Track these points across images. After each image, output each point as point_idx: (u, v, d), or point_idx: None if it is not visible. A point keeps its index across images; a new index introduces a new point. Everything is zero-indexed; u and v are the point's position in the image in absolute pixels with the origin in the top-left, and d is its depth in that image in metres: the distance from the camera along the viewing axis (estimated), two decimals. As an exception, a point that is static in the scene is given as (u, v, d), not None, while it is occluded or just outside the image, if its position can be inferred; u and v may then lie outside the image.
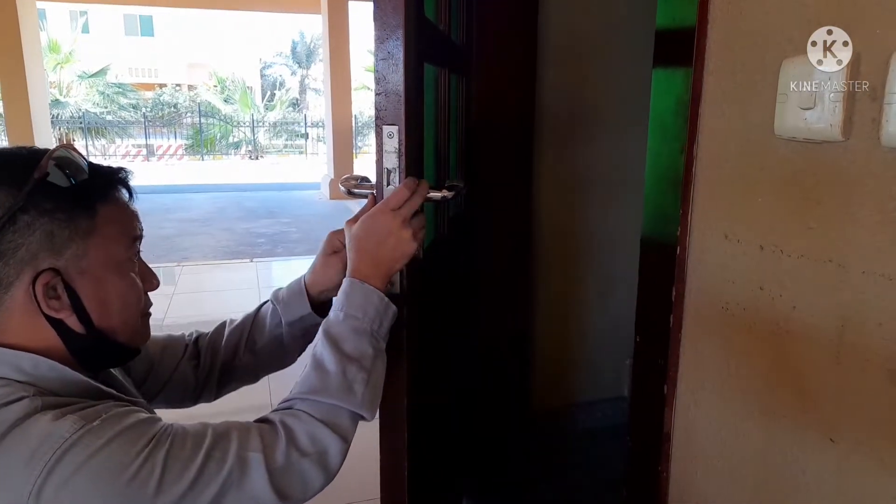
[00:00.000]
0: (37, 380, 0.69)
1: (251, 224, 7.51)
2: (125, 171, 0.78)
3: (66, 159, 0.71)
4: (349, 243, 0.86)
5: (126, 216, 0.77)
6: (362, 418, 0.80)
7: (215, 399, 1.03)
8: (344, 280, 0.84)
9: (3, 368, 0.68)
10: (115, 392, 0.76)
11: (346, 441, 0.77)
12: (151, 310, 0.84)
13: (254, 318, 1.02)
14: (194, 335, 1.03)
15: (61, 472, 0.61)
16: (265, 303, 1.02)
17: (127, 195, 0.78)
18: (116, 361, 0.83)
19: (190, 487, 0.65)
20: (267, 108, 21.58)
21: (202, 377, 1.00)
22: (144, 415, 0.70)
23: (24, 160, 0.70)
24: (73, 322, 0.72)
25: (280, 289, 1.01)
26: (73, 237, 0.70)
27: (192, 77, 23.96)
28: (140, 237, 0.80)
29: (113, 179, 0.77)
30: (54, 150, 0.71)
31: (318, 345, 0.81)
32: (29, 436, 0.62)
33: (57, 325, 0.71)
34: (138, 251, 0.80)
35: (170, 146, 17.54)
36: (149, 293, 0.83)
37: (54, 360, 0.71)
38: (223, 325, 1.03)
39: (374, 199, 0.90)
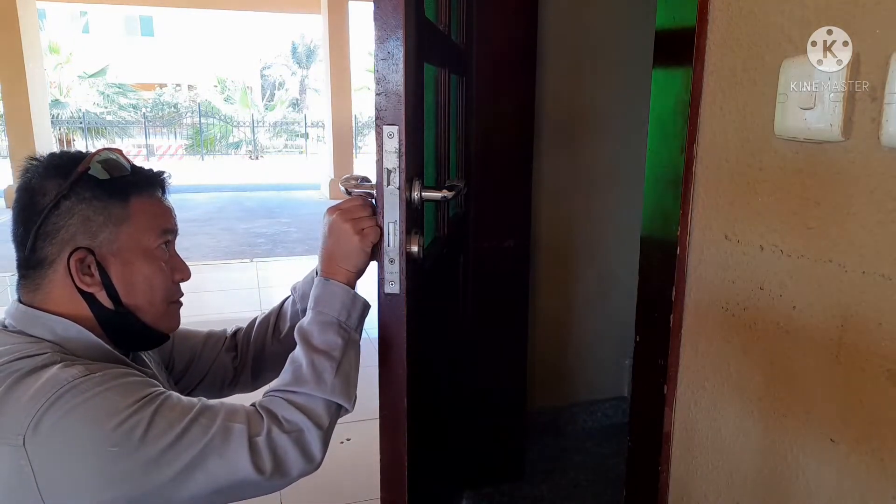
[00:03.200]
0: (64, 341, 0.79)
1: (251, 224, 7.51)
2: (164, 173, 0.89)
3: (107, 158, 0.83)
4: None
5: (158, 210, 0.87)
6: (340, 407, 0.84)
7: (252, 389, 1.11)
8: (314, 281, 0.89)
9: (40, 329, 0.79)
10: (133, 363, 0.85)
11: (322, 428, 0.81)
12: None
13: (279, 310, 1.10)
14: (234, 329, 1.13)
15: (57, 410, 0.69)
16: (289, 296, 1.10)
17: (161, 193, 0.88)
18: (144, 342, 0.91)
19: (172, 445, 0.72)
20: (267, 109, 21.57)
21: (238, 367, 1.10)
22: (143, 378, 0.78)
23: (74, 158, 0.82)
24: (103, 297, 0.82)
25: (297, 281, 1.09)
26: (107, 223, 0.81)
27: (192, 77, 23.94)
28: (172, 231, 0.89)
29: (149, 178, 0.87)
30: (100, 150, 0.84)
31: (296, 346, 0.86)
32: (38, 378, 0.71)
33: (89, 298, 0.81)
34: (168, 242, 0.88)
35: (170, 146, 17.52)
36: (180, 284, 0.91)
37: (86, 329, 0.81)
38: (255, 319, 1.12)
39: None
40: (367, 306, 0.90)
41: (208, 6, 13.06)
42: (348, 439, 2.38)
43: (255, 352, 1.09)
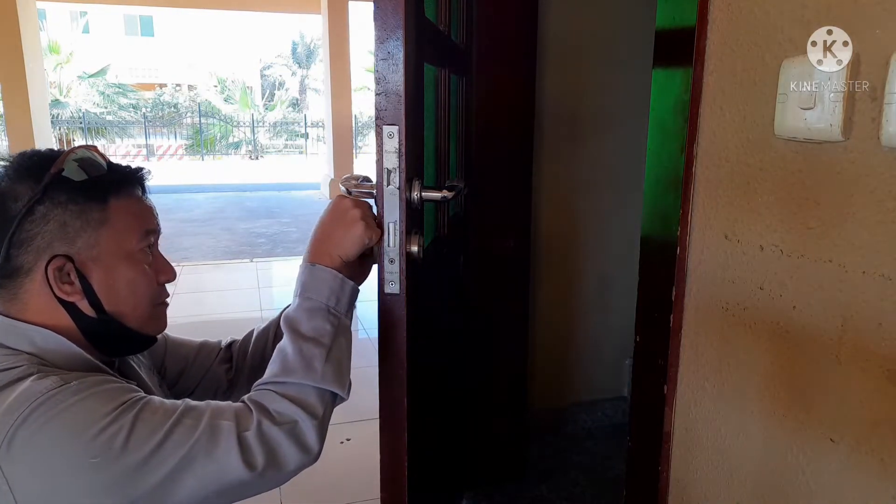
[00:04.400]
0: (43, 352, 0.75)
1: (251, 224, 7.51)
2: (142, 170, 0.85)
3: (82, 157, 0.78)
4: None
5: (139, 210, 0.83)
6: (336, 396, 0.81)
7: None
8: (299, 268, 0.86)
9: (17, 340, 0.75)
10: (114, 372, 0.81)
11: (316, 417, 0.77)
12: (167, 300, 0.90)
13: (279, 318, 1.06)
14: (228, 340, 1.10)
15: (31, 425, 0.66)
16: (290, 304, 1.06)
17: (140, 192, 0.84)
18: (131, 347, 0.88)
19: (155, 450, 0.68)
20: (267, 108, 21.58)
21: (233, 378, 1.07)
22: (122, 384, 0.75)
23: (47, 159, 0.77)
24: (84, 306, 0.78)
25: None
26: (84, 227, 0.77)
27: (192, 77, 23.93)
28: (154, 231, 0.85)
29: (127, 176, 0.83)
30: (74, 148, 0.79)
31: (283, 336, 0.83)
32: (12, 393, 0.68)
33: (69, 307, 0.77)
34: (152, 244, 0.85)
35: (170, 146, 17.52)
36: (165, 285, 0.87)
37: (66, 339, 0.77)
38: (252, 330, 1.09)
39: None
40: (355, 290, 0.86)
41: (208, 6, 13.06)
42: (348, 439, 2.38)
43: (252, 362, 1.06)
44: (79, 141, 15.60)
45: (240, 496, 0.76)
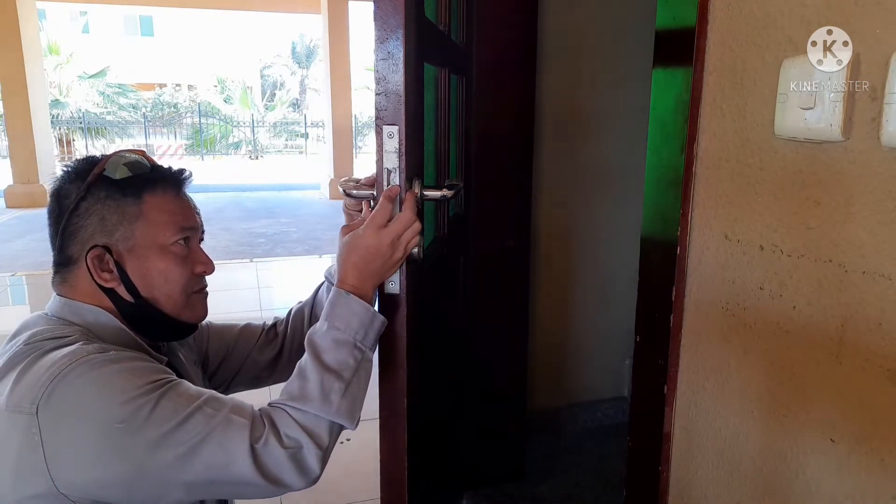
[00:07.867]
0: (92, 326, 0.84)
1: (251, 224, 7.51)
2: (183, 172, 0.93)
3: (127, 159, 0.86)
4: (338, 254, 0.89)
5: (174, 207, 0.89)
6: (343, 427, 0.83)
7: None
8: (332, 290, 0.87)
9: (71, 315, 0.85)
10: (158, 355, 0.88)
11: (321, 448, 0.80)
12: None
13: (314, 296, 1.12)
14: (272, 321, 1.16)
15: (70, 381, 0.72)
16: (323, 282, 1.11)
17: (178, 191, 0.91)
18: (171, 332, 0.93)
19: (174, 429, 0.73)
20: (267, 109, 21.57)
21: (276, 356, 1.12)
22: (156, 364, 0.81)
23: (93, 162, 0.86)
24: (122, 291, 0.86)
25: (331, 265, 1.07)
26: (121, 221, 0.85)
27: (192, 77, 23.92)
28: (192, 227, 0.91)
29: (165, 176, 0.90)
30: (119, 151, 0.88)
31: (304, 354, 0.84)
32: (59, 353, 0.76)
33: (110, 293, 0.85)
34: (187, 238, 0.90)
35: (170, 146, 17.52)
36: (204, 276, 0.93)
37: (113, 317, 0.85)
38: (291, 309, 1.15)
39: (369, 205, 0.92)
40: (384, 325, 0.87)
41: (208, 6, 13.06)
42: (348, 439, 2.38)
43: (292, 345, 1.12)
44: (78, 141, 15.60)
45: (241, 496, 0.79)
